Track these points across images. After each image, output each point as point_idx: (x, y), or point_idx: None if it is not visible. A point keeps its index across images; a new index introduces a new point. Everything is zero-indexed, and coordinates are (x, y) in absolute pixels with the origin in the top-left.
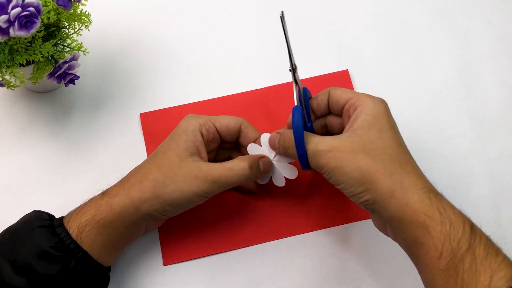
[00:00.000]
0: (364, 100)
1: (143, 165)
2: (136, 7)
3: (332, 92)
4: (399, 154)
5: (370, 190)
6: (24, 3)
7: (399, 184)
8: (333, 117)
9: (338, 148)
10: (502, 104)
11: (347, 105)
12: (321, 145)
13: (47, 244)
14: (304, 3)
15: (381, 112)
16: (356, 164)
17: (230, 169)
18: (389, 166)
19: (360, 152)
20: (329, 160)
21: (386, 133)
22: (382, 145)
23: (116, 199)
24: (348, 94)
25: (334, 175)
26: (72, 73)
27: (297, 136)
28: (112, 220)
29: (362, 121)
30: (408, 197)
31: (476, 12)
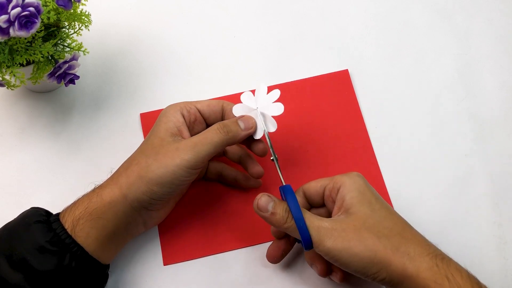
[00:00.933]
0: (341, 180)
1: (131, 155)
2: (136, 7)
3: (305, 187)
4: (396, 224)
5: (384, 269)
6: (24, 3)
7: (407, 256)
8: (315, 211)
9: (341, 228)
10: (502, 104)
11: (326, 191)
12: (325, 223)
13: (43, 239)
14: (304, 3)
15: (362, 186)
16: (363, 244)
17: (207, 131)
18: (393, 240)
19: (363, 230)
20: (336, 240)
21: (376, 205)
22: (379, 219)
23: (106, 189)
24: (322, 181)
25: (342, 257)
26: (72, 73)
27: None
28: (103, 211)
29: (350, 199)
30: (417, 267)
31: (476, 12)
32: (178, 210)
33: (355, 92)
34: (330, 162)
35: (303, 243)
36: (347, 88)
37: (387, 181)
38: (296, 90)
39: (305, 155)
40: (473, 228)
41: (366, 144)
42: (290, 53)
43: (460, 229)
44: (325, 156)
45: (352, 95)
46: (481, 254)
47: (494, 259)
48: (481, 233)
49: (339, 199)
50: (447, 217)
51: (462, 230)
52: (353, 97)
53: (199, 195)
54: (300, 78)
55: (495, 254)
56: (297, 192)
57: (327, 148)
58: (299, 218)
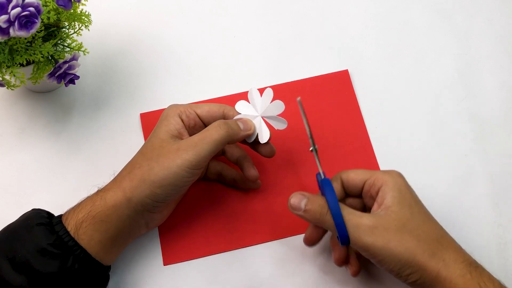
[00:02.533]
0: (383, 177)
1: (132, 158)
2: (136, 7)
3: (344, 176)
4: (434, 229)
5: (418, 271)
6: (24, 3)
7: (442, 262)
8: (350, 199)
9: (383, 226)
10: (502, 104)
11: (366, 186)
12: (365, 219)
13: (46, 241)
14: (304, 3)
15: (404, 186)
16: (404, 245)
17: (207, 129)
18: (431, 245)
19: (404, 232)
20: (376, 238)
21: (416, 208)
22: (418, 222)
23: (110, 193)
24: (363, 175)
25: (380, 254)
26: (72, 73)
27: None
28: (107, 214)
29: (391, 198)
30: (451, 273)
31: (476, 12)
32: (178, 210)
33: (355, 92)
34: (330, 162)
35: (340, 239)
36: (347, 88)
37: None
38: (296, 90)
39: (305, 155)
40: (473, 228)
41: (366, 144)
42: (290, 53)
43: (460, 229)
44: (325, 156)
45: (352, 95)
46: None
47: (494, 259)
48: (481, 233)
49: (380, 196)
50: (447, 217)
51: (462, 230)
52: (353, 97)
53: (199, 195)
54: (300, 78)
55: (495, 254)
56: (335, 179)
57: (327, 148)
58: (337, 214)
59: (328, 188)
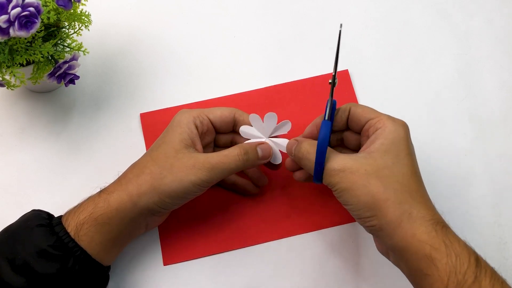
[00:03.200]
0: (385, 122)
1: (140, 160)
2: (136, 7)
3: (353, 109)
4: (412, 183)
5: (378, 216)
6: (24, 3)
7: (407, 215)
8: (350, 133)
9: (351, 169)
10: (502, 104)
11: (366, 125)
12: (335, 164)
13: (46, 243)
14: (304, 3)
15: (400, 137)
16: (367, 188)
17: (226, 155)
18: (400, 195)
19: (373, 176)
20: (341, 180)
21: (402, 160)
22: (396, 172)
23: (114, 195)
24: (369, 113)
25: (343, 195)
26: (72, 73)
27: (320, 151)
28: (110, 216)
29: (379, 145)
30: (414, 228)
31: (476, 12)
32: (178, 210)
33: (355, 92)
34: None
35: (315, 177)
36: (347, 88)
37: None
38: (296, 90)
39: None
40: (473, 228)
41: None
42: (290, 53)
43: (460, 229)
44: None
45: (352, 95)
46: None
47: (494, 259)
48: (481, 233)
49: (371, 139)
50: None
51: (462, 230)
52: (353, 97)
53: (199, 196)
54: (300, 78)
55: (495, 254)
56: (344, 109)
57: None
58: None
59: (324, 129)
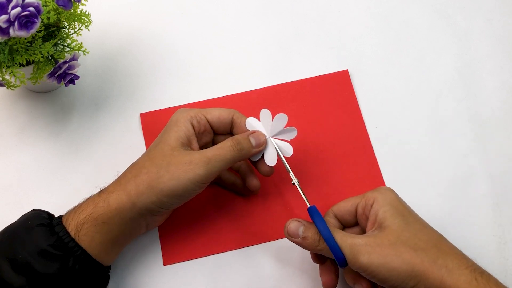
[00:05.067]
0: (373, 196)
1: (138, 160)
2: (136, 7)
3: (335, 209)
4: (431, 237)
5: (422, 282)
6: (24, 3)
7: (445, 269)
8: (349, 230)
9: (376, 243)
10: (502, 104)
11: (359, 209)
12: (359, 239)
13: (46, 242)
14: (304, 3)
15: (394, 199)
16: (400, 258)
17: (221, 147)
18: (430, 253)
19: (400, 244)
20: (371, 256)
21: (409, 218)
22: (413, 231)
23: (113, 195)
24: (352, 200)
25: (379, 273)
26: (72, 73)
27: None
28: (110, 216)
29: (383, 213)
30: (456, 280)
31: (476, 12)
32: (178, 210)
33: (355, 92)
34: (330, 162)
35: (337, 261)
36: (347, 88)
37: (387, 181)
38: (296, 90)
39: (305, 155)
40: (473, 228)
41: (366, 144)
42: (290, 53)
43: (460, 229)
44: (325, 156)
45: (352, 95)
46: (481, 254)
47: (494, 259)
48: (481, 233)
49: (372, 214)
50: (447, 217)
51: (462, 230)
52: (353, 97)
53: (199, 196)
54: (300, 78)
55: (495, 254)
56: (327, 214)
57: (327, 148)
58: (329, 238)
59: (315, 214)
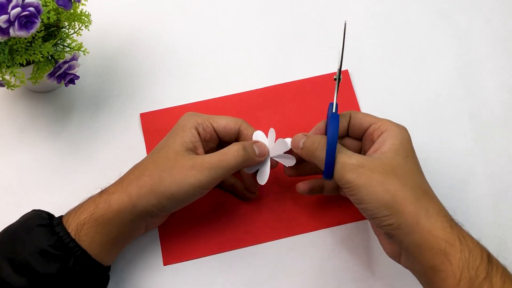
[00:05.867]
0: (390, 125)
1: (141, 162)
2: (136, 7)
3: (353, 115)
4: (423, 181)
5: (396, 214)
6: (24, 3)
7: (425, 211)
8: (350, 140)
9: (369, 166)
10: (502, 104)
11: (370, 129)
12: (353, 159)
13: (46, 243)
14: (304, 3)
15: (406, 139)
16: (385, 186)
17: (225, 153)
18: (416, 192)
19: (391, 174)
20: (359, 176)
21: (411, 159)
22: (408, 171)
23: (114, 196)
24: (371, 118)
25: (359, 192)
26: (72, 73)
27: (331, 143)
28: (110, 217)
29: (390, 145)
30: (431, 224)
31: (476, 12)
32: (178, 210)
33: (355, 92)
34: None
35: (324, 173)
36: (347, 88)
37: None
38: (296, 90)
39: None
40: (473, 228)
41: None
42: (290, 53)
43: None
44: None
45: (352, 95)
46: None
47: None
48: (481, 233)
49: (379, 141)
50: None
51: None
52: (353, 97)
53: None
54: (300, 78)
55: (495, 254)
56: (344, 115)
57: None
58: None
59: (333, 123)
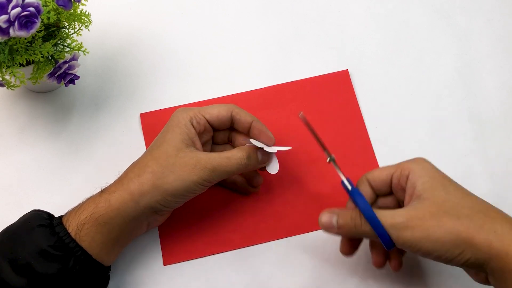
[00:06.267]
0: (409, 166)
1: (140, 159)
2: (136, 7)
3: (369, 177)
4: (476, 203)
5: (468, 249)
6: (24, 3)
7: (493, 233)
8: (383, 199)
9: (417, 217)
10: (502, 104)
11: (394, 180)
12: (398, 217)
13: (46, 243)
14: (304, 3)
15: (432, 170)
16: (443, 228)
17: (228, 158)
18: (476, 219)
19: (441, 214)
20: (413, 230)
21: (450, 187)
22: (455, 200)
23: (115, 195)
24: (387, 170)
25: (423, 246)
26: (72, 73)
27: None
28: (111, 216)
29: (421, 185)
30: (506, 244)
31: (476, 12)
32: (178, 210)
33: (355, 92)
34: None
35: (385, 245)
36: (347, 88)
37: None
38: (296, 90)
39: (305, 155)
40: None
41: (366, 144)
42: (290, 53)
43: None
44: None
45: (352, 95)
46: None
47: None
48: None
49: (409, 187)
50: None
51: None
52: (353, 97)
53: (199, 195)
54: (300, 78)
55: None
56: (362, 182)
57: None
58: (375, 223)
59: (358, 197)
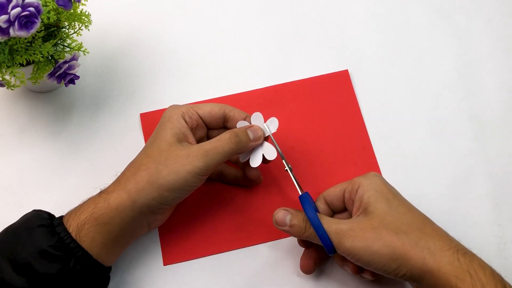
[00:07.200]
0: (359, 181)
1: (136, 158)
2: (136, 7)
3: (325, 194)
4: (415, 220)
5: (404, 264)
6: (24, 3)
7: (427, 250)
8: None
9: (359, 227)
10: (502, 104)
11: (346, 194)
12: (342, 225)
13: (47, 243)
14: (304, 3)
15: (379, 185)
16: (382, 241)
17: (218, 139)
18: (412, 236)
19: (381, 227)
20: (354, 240)
21: (394, 202)
22: (396, 215)
23: (113, 195)
24: (340, 185)
25: (363, 256)
26: (72, 73)
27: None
28: (110, 216)
29: (367, 198)
30: (438, 261)
31: (476, 12)
32: (178, 210)
33: (355, 92)
34: (330, 162)
35: (326, 248)
36: (347, 88)
37: None
38: (296, 90)
39: (305, 155)
40: (473, 228)
41: (366, 144)
42: (290, 53)
43: (460, 229)
44: (325, 156)
45: (352, 95)
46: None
47: (494, 259)
48: (481, 233)
49: (357, 200)
50: (447, 217)
51: (462, 230)
52: (353, 97)
53: (199, 196)
54: (300, 78)
55: (495, 254)
56: (319, 199)
57: (327, 148)
58: (317, 225)
59: (305, 202)
